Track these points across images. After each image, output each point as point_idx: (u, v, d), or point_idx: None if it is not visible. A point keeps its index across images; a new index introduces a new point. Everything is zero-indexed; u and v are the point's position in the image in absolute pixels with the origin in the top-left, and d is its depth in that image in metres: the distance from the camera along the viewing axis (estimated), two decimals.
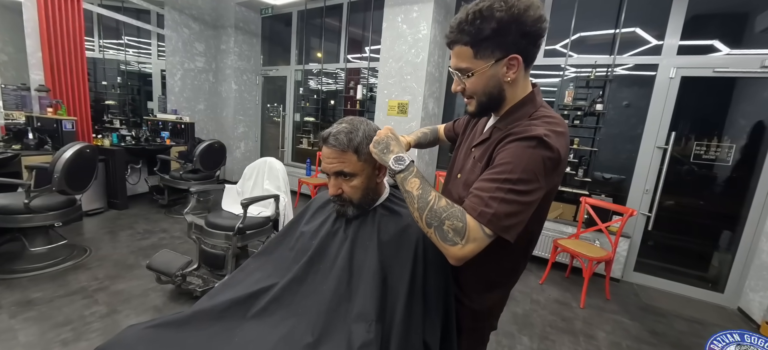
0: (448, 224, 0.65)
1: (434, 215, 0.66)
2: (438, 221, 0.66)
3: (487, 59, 0.71)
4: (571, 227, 3.06)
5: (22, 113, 3.13)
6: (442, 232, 0.66)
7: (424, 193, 0.69)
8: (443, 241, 0.66)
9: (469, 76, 0.73)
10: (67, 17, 3.27)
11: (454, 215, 0.65)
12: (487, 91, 0.74)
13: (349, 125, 0.86)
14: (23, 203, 2.18)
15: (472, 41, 0.70)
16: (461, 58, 0.73)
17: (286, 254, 0.95)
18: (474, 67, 0.72)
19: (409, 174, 0.72)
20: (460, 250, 0.65)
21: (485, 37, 0.68)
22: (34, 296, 2.02)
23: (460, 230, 0.64)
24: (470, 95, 0.77)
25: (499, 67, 0.71)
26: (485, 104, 0.77)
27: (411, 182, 0.71)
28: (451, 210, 0.66)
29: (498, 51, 0.69)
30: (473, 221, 0.65)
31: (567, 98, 3.04)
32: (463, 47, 0.72)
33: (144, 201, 4.04)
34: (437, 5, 3.35)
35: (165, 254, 2.13)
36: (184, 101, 4.84)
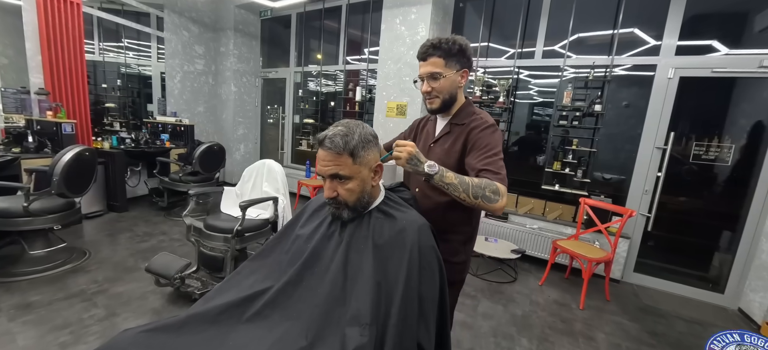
0: (489, 189, 0.93)
1: (477, 188, 0.93)
2: (481, 191, 0.93)
3: (452, 69, 1.06)
4: (570, 228, 3.06)
5: (22, 116, 3.14)
6: (486, 197, 0.93)
7: (461, 179, 0.95)
8: (489, 202, 0.93)
9: (439, 79, 1.05)
10: (66, 20, 3.28)
11: (488, 185, 0.94)
12: (450, 91, 1.08)
13: (345, 128, 0.87)
14: (22, 206, 2.18)
15: (444, 55, 1.04)
16: (436, 66, 1.05)
17: (281, 257, 0.96)
18: (445, 73, 1.05)
19: (443, 172, 0.95)
20: (500, 202, 0.94)
21: (453, 53, 1.04)
22: (33, 299, 2.02)
23: (496, 190, 0.94)
24: (437, 95, 1.08)
25: (457, 76, 1.08)
26: (446, 102, 1.09)
27: (447, 177, 0.95)
28: (484, 182, 0.95)
29: (458, 64, 1.06)
30: (499, 184, 0.95)
31: (565, 99, 3.04)
32: (436, 59, 1.04)
33: (144, 204, 4.05)
34: (435, 7, 3.36)
35: (163, 257, 2.13)
36: (183, 103, 4.85)
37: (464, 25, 3.84)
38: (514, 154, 3.68)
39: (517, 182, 3.61)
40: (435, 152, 1.13)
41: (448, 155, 1.09)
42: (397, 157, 0.94)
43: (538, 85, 3.51)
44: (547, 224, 3.18)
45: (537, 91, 3.55)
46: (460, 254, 1.15)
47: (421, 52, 1.07)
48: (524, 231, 3.15)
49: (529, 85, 3.56)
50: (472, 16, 3.76)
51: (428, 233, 0.89)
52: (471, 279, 2.77)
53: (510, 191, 3.50)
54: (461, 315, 2.24)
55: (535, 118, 3.62)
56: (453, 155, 1.09)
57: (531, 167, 3.57)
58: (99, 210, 3.57)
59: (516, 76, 3.43)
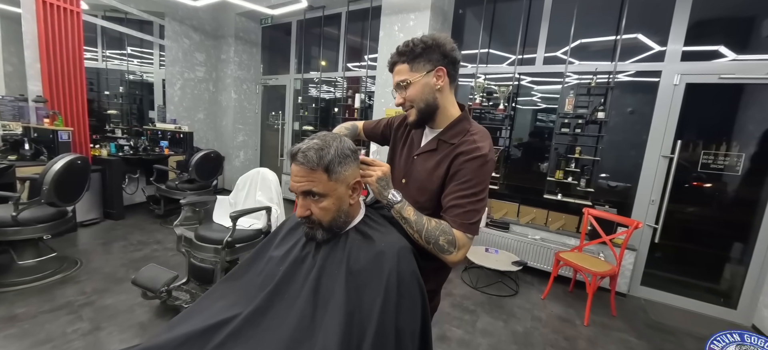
0: (443, 238, 0.85)
1: (430, 234, 0.85)
2: (434, 238, 0.85)
3: (420, 71, 0.91)
4: (573, 239, 2.96)
5: (19, 123, 3.14)
6: (439, 246, 0.85)
7: (418, 218, 0.87)
8: (441, 252, 0.86)
9: (407, 86, 0.92)
10: (66, 29, 3.29)
11: (444, 232, 0.86)
12: (424, 97, 0.93)
13: (320, 141, 0.80)
14: (11, 215, 2.15)
15: (408, 59, 0.91)
16: (400, 74, 0.93)
17: (253, 279, 0.89)
18: (410, 78, 0.92)
19: (404, 204, 0.88)
20: (455, 256, 0.87)
21: (417, 54, 0.91)
22: (19, 311, 1.97)
23: (452, 241, 0.85)
24: (410, 105, 0.95)
25: (430, 78, 0.92)
26: (424, 111, 0.94)
27: (407, 210, 0.88)
28: (441, 227, 0.86)
29: (428, 64, 0.91)
30: (459, 232, 0.86)
31: (567, 106, 2.96)
32: (401, 65, 0.93)
33: (141, 211, 4.02)
34: (434, 14, 3.32)
35: (151, 269, 2.08)
36: (183, 110, 4.85)
37: (464, 31, 3.79)
38: (516, 161, 3.59)
39: (519, 189, 3.52)
40: (415, 169, 0.99)
41: (430, 178, 0.95)
42: (367, 175, 0.88)
43: (541, 91, 3.44)
44: (550, 235, 3.08)
45: (540, 97, 3.48)
46: (430, 281, 0.97)
47: (389, 63, 0.96)
48: (526, 242, 3.05)
49: (531, 91, 3.49)
50: (472, 22, 3.72)
51: (409, 258, 0.81)
52: (470, 293, 2.68)
53: (512, 199, 3.43)
54: (459, 332, 2.15)
55: (538, 124, 3.54)
56: (435, 179, 0.93)
57: (533, 174, 3.49)
58: (95, 218, 3.54)
59: (517, 83, 3.36)
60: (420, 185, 0.97)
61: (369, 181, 0.89)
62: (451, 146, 0.93)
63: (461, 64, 3.52)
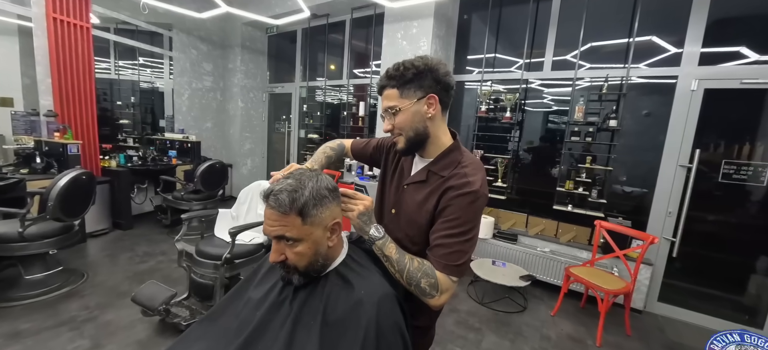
0: (425, 281, 0.81)
1: (412, 276, 0.81)
2: (415, 280, 0.81)
3: (411, 98, 0.85)
4: (585, 252, 2.83)
5: (31, 137, 3.22)
6: (420, 289, 0.81)
7: (400, 256, 0.83)
8: (423, 295, 0.82)
9: (396, 113, 0.87)
10: (76, 44, 3.37)
11: (426, 274, 0.81)
12: (413, 126, 0.87)
13: (294, 182, 0.75)
14: (17, 231, 2.19)
15: (398, 84, 0.85)
16: (390, 99, 0.87)
17: (230, 322, 0.85)
18: (400, 105, 0.86)
19: (386, 241, 0.84)
20: (437, 300, 0.82)
21: (408, 80, 0.84)
22: (23, 327, 2.00)
23: (434, 285, 0.81)
24: (399, 132, 0.89)
25: (420, 105, 0.85)
26: (413, 140, 0.89)
27: (389, 248, 0.84)
28: (424, 268, 0.82)
29: (419, 91, 0.85)
30: (442, 275, 0.82)
31: (577, 114, 2.84)
32: (390, 90, 0.87)
33: (149, 220, 4.08)
34: (437, 20, 3.25)
35: (150, 287, 2.08)
36: (191, 119, 4.91)
37: (470, 36, 3.71)
38: (524, 167, 3.47)
39: (528, 195, 3.40)
40: (404, 200, 0.94)
41: (419, 211, 0.89)
42: (349, 209, 0.84)
43: (551, 94, 3.32)
44: (560, 247, 2.96)
45: (551, 99, 3.35)
46: (422, 315, 0.94)
47: (378, 85, 0.91)
48: (535, 255, 2.94)
49: (541, 94, 3.37)
50: (478, 27, 3.63)
51: (391, 306, 0.75)
52: (476, 309, 2.59)
53: (520, 209, 3.32)
54: None
55: (549, 126, 3.41)
56: (423, 214, 0.88)
57: (543, 181, 3.36)
58: (104, 228, 3.60)
59: (525, 87, 3.26)
60: (409, 218, 0.92)
61: (350, 216, 0.85)
62: (441, 178, 0.87)
63: (467, 68, 3.39)
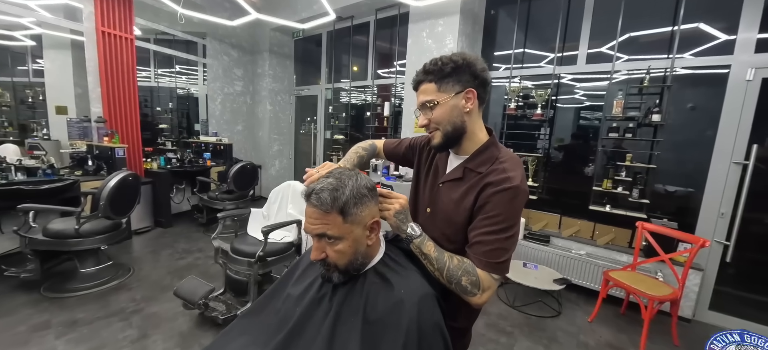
0: (465, 279, 0.79)
1: (452, 274, 0.80)
2: (456, 278, 0.80)
3: (449, 92, 0.84)
4: (626, 255, 2.68)
5: (84, 142, 3.50)
6: (461, 286, 0.80)
7: (439, 254, 0.82)
8: (464, 293, 0.80)
9: (433, 107, 0.85)
10: (121, 55, 3.62)
11: (467, 272, 0.80)
12: (451, 120, 0.86)
13: (335, 180, 0.76)
14: (74, 228, 2.38)
15: (436, 78, 0.85)
16: (427, 93, 0.86)
17: (271, 318, 0.87)
18: (438, 99, 0.85)
19: (424, 239, 0.83)
20: (479, 299, 0.81)
21: (446, 74, 0.84)
22: (79, 316, 2.17)
23: (476, 283, 0.79)
24: (436, 127, 0.88)
25: (458, 100, 0.85)
26: (450, 134, 0.87)
27: (427, 246, 0.83)
28: (464, 266, 0.80)
29: (457, 85, 0.84)
30: (484, 273, 0.80)
31: (615, 108, 2.69)
32: (428, 84, 0.86)
33: (187, 219, 4.31)
34: (464, 17, 3.19)
35: (190, 282, 2.19)
36: (224, 123, 5.14)
37: (497, 32, 3.61)
38: (556, 165, 3.33)
39: (560, 195, 3.27)
40: (440, 198, 0.92)
41: (456, 210, 0.87)
42: (385, 208, 0.84)
43: (585, 88, 3.17)
44: (597, 250, 2.82)
45: (584, 94, 3.20)
46: (461, 317, 0.92)
47: (413, 81, 0.90)
48: (569, 258, 2.81)
49: (574, 90, 3.22)
50: (506, 23, 3.53)
51: (432, 306, 0.75)
52: (507, 312, 2.52)
53: (553, 210, 3.19)
54: None
55: (581, 123, 3.25)
56: (461, 212, 0.85)
57: (577, 180, 3.22)
58: (147, 226, 3.85)
59: (556, 82, 3.13)
60: (446, 216, 0.90)
61: (386, 215, 0.84)
62: (479, 175, 0.86)
63: (495, 65, 3.28)
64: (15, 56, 4.48)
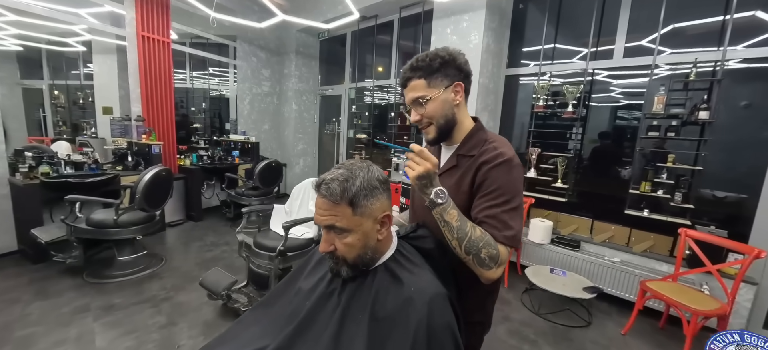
0: (485, 252, 0.78)
1: (473, 244, 0.78)
2: (476, 249, 0.77)
3: (439, 87, 0.87)
4: (666, 265, 2.47)
5: (124, 139, 3.75)
6: (479, 259, 0.78)
7: (462, 224, 0.79)
8: (480, 266, 0.78)
9: (426, 102, 0.88)
10: (159, 57, 3.85)
11: (489, 244, 0.78)
12: (443, 114, 0.89)
13: (346, 171, 0.75)
14: (113, 219, 2.55)
15: (425, 74, 0.87)
16: (417, 90, 0.88)
17: (283, 310, 0.88)
18: (429, 94, 0.87)
19: (448, 206, 0.79)
20: (493, 273, 0.79)
21: (435, 69, 0.87)
22: (116, 301, 2.32)
23: (495, 256, 0.78)
24: (429, 122, 0.90)
25: (448, 93, 0.88)
26: (443, 127, 0.90)
27: (450, 214, 0.79)
28: (486, 239, 0.78)
29: (445, 80, 0.87)
30: (502, 246, 0.79)
31: (656, 105, 2.49)
32: (417, 81, 0.88)
33: (216, 214, 4.50)
34: (490, 12, 3.09)
35: (215, 273, 2.27)
36: (251, 122, 5.32)
37: (526, 27, 3.47)
38: (588, 166, 3.14)
39: (592, 198, 3.08)
40: None
41: (456, 194, 0.88)
42: (411, 167, 0.78)
43: (622, 85, 2.96)
44: (633, 258, 2.62)
45: (620, 92, 2.99)
46: (476, 312, 0.93)
47: (401, 78, 0.92)
48: (601, 265, 2.64)
49: (609, 87, 3.02)
50: (535, 16, 3.38)
51: (443, 306, 0.71)
52: (531, 319, 2.40)
53: (583, 213, 3.01)
54: None
55: (617, 122, 3.05)
56: (461, 195, 0.88)
57: (611, 182, 3.02)
58: (179, 219, 4.06)
59: (589, 79, 2.96)
60: None
61: (410, 173, 0.79)
62: (471, 158, 0.89)
63: (522, 62, 3.16)
64: (69, 62, 4.92)
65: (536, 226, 2.94)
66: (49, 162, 2.99)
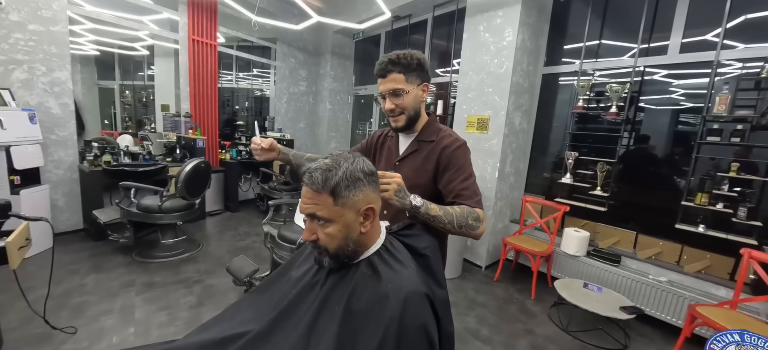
0: (471, 218, 0.94)
1: (461, 218, 0.93)
2: (464, 220, 0.93)
3: (413, 83, 1.03)
4: (724, 290, 2.16)
5: (174, 134, 4.12)
6: (469, 225, 0.93)
7: (445, 211, 0.92)
8: (471, 230, 0.94)
9: (402, 95, 1.02)
10: (206, 59, 4.18)
11: (469, 212, 0.94)
12: (414, 107, 1.06)
13: (331, 161, 0.76)
14: (157, 205, 2.81)
15: (404, 70, 1.01)
16: (397, 82, 1.02)
17: (273, 297, 0.90)
18: (406, 88, 1.02)
19: (427, 205, 0.91)
20: (481, 229, 0.96)
21: (412, 68, 1.02)
22: (156, 279, 2.55)
23: (477, 217, 0.95)
24: (402, 111, 1.05)
25: (419, 90, 1.06)
26: (412, 118, 1.07)
27: (432, 209, 0.91)
28: (465, 209, 0.95)
29: (418, 79, 1.04)
30: (478, 209, 0.97)
31: (718, 107, 2.18)
32: (397, 74, 1.01)
33: (251, 206, 4.77)
34: (526, 7, 2.92)
35: (240, 260, 2.40)
36: (288, 121, 5.57)
37: (568, 22, 3.23)
38: (634, 173, 2.84)
39: (638, 209, 2.78)
40: (402, 171, 1.03)
41: (419, 174, 1.06)
42: (384, 190, 0.83)
43: (679, 86, 2.64)
44: (684, 278, 2.32)
45: (679, 94, 2.67)
46: None
47: (380, 69, 1.03)
48: (644, 283, 2.37)
49: (665, 88, 2.71)
50: (579, 10, 3.13)
51: (419, 306, 0.68)
52: (558, 335, 2.22)
53: (628, 226, 2.74)
54: None
55: (672, 126, 2.72)
56: (424, 174, 1.06)
57: (661, 193, 2.71)
58: (218, 209, 4.36)
59: (639, 79, 2.68)
60: (410, 184, 1.00)
61: (387, 196, 0.85)
62: (430, 143, 1.08)
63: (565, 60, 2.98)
64: (136, 64, 5.52)
65: (570, 236, 2.73)
66: (111, 152, 3.38)
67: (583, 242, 2.69)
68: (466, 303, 2.55)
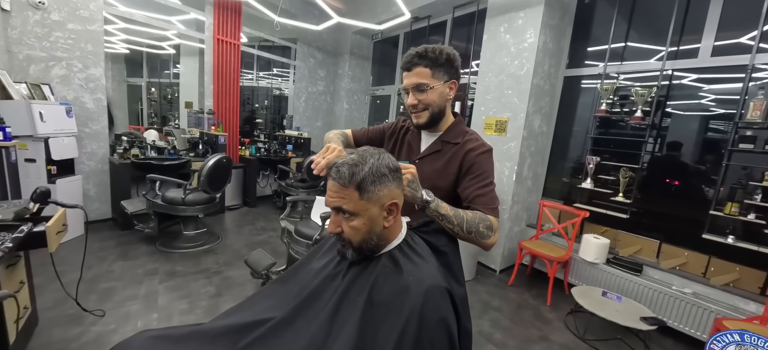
0: (482, 225, 0.90)
1: (471, 223, 0.89)
2: (475, 226, 0.89)
3: (440, 80, 0.99)
4: (754, 304, 2.05)
5: (197, 130, 4.27)
6: (480, 232, 0.90)
7: (456, 212, 0.90)
8: (481, 238, 0.90)
9: (427, 90, 0.98)
10: (229, 58, 4.31)
11: (482, 219, 0.91)
12: (438, 104, 1.01)
13: (357, 156, 0.78)
14: (181, 198, 2.92)
15: (431, 65, 0.97)
16: (422, 77, 0.98)
17: (295, 286, 0.93)
18: (432, 83, 0.98)
19: (439, 202, 0.89)
20: (493, 239, 0.92)
21: (440, 63, 0.97)
22: (178, 269, 2.65)
23: (490, 226, 0.91)
24: (425, 107, 1.01)
25: (445, 87, 1.01)
26: (435, 115, 1.02)
27: (443, 207, 0.89)
28: (478, 215, 0.91)
29: (446, 75, 0.99)
30: (492, 217, 0.92)
31: (752, 112, 2.09)
32: (423, 69, 0.97)
33: (268, 202, 4.88)
34: (549, 7, 2.88)
35: (257, 254, 2.46)
36: (306, 119, 5.67)
37: (592, 23, 3.16)
38: (660, 180, 2.74)
39: (662, 218, 2.69)
40: (421, 170, 0.98)
41: (440, 176, 1.01)
42: None
43: (711, 91, 2.54)
44: (711, 291, 2.23)
45: (709, 99, 2.57)
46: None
47: (406, 61, 1.00)
48: (667, 294, 2.29)
49: (695, 93, 2.61)
50: (605, 11, 3.05)
51: (440, 300, 0.69)
52: (574, 343, 2.17)
53: (651, 235, 2.65)
54: None
55: (705, 133, 2.62)
56: (446, 177, 1.01)
57: (688, 201, 2.61)
58: (237, 204, 4.49)
59: (667, 83, 2.59)
60: (430, 185, 0.97)
61: (404, 189, 0.84)
62: (455, 145, 1.03)
63: (588, 63, 3.10)
64: (162, 63, 5.74)
65: (589, 242, 2.66)
66: (138, 146, 3.54)
67: (602, 249, 2.62)
68: (479, 306, 2.53)
